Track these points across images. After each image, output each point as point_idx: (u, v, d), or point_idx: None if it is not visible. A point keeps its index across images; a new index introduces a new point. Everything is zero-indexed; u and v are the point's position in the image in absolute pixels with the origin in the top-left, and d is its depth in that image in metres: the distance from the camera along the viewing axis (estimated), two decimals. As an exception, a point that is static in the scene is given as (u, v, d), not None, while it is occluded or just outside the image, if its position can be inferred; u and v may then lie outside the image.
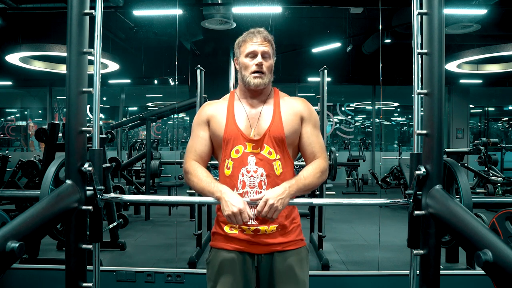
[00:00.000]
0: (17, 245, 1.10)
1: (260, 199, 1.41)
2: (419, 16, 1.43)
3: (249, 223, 1.48)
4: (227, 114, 1.55)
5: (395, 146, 11.38)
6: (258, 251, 1.51)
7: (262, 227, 1.49)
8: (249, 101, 1.58)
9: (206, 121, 1.58)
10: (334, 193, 3.98)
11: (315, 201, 1.49)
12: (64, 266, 1.44)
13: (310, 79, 9.28)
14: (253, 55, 1.53)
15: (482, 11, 6.01)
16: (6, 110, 12.28)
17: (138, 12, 6.75)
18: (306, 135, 1.56)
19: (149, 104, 11.20)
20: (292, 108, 1.57)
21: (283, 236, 1.52)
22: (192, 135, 1.61)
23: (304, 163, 1.59)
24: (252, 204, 1.44)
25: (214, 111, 1.58)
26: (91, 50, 1.47)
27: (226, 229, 1.54)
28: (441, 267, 1.40)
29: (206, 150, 1.58)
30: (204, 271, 1.58)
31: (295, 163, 1.85)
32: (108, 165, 4.06)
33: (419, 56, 1.42)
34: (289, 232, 1.54)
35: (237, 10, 6.33)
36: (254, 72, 1.52)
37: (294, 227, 1.56)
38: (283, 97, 1.61)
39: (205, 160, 1.58)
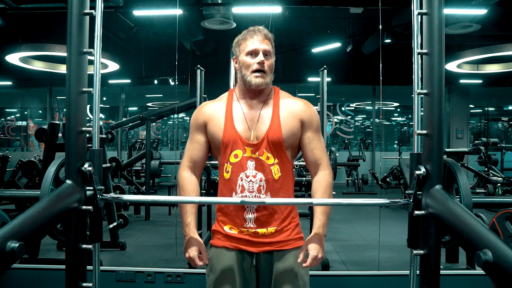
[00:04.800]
0: (17, 245, 1.10)
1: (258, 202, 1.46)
2: (419, 16, 1.43)
3: (247, 226, 1.49)
4: (226, 117, 1.52)
5: (395, 146, 11.39)
6: (257, 250, 1.51)
7: (261, 230, 1.50)
8: (248, 102, 1.54)
9: (203, 124, 1.55)
10: (334, 193, 3.97)
11: (315, 201, 1.49)
12: (64, 266, 1.44)
13: (310, 79, 9.27)
14: (254, 53, 1.49)
15: (482, 11, 6.02)
16: (6, 110, 12.29)
17: (138, 12, 6.75)
18: (308, 140, 1.54)
19: (149, 104, 11.19)
20: (292, 110, 1.53)
21: (282, 235, 1.52)
22: (189, 138, 1.60)
23: (303, 163, 1.59)
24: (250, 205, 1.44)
25: (211, 112, 1.55)
26: (91, 50, 1.47)
27: (226, 228, 1.54)
28: (441, 267, 1.39)
29: (201, 155, 1.57)
30: (204, 271, 1.58)
31: (295, 163, 1.85)
32: (108, 165, 4.06)
33: (419, 56, 1.42)
34: (288, 231, 1.54)
35: (237, 10, 6.33)
36: (256, 71, 1.48)
37: (293, 226, 1.56)
38: (283, 98, 1.56)
39: (199, 165, 1.59)
